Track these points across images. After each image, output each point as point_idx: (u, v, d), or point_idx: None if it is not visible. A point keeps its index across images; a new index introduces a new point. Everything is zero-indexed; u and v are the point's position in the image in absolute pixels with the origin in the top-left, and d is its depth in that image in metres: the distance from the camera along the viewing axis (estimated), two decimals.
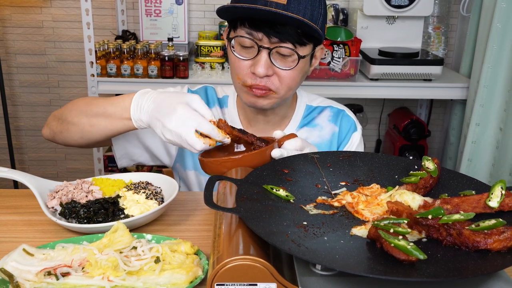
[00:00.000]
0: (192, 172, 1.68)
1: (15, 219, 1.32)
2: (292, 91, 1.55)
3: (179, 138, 1.28)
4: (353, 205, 1.09)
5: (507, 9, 2.78)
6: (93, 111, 1.47)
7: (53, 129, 1.56)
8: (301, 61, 1.47)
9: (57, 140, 1.57)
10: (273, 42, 1.43)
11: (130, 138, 1.62)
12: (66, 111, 1.54)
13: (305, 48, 1.47)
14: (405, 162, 1.28)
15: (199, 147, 1.28)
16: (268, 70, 1.46)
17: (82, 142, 1.52)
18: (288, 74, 1.48)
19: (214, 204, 1.01)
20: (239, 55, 1.49)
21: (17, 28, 3.50)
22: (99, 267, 1.01)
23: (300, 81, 1.55)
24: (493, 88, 2.89)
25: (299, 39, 1.44)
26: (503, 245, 0.90)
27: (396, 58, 3.02)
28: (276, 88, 1.49)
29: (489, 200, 1.05)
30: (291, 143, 1.37)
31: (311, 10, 1.42)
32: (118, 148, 1.63)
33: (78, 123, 1.49)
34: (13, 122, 3.65)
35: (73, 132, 1.51)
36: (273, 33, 1.42)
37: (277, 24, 1.41)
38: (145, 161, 1.69)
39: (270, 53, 1.45)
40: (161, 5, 3.35)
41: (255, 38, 1.44)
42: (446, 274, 0.84)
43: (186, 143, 1.29)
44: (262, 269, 0.89)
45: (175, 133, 1.28)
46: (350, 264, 0.88)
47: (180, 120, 1.28)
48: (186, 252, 1.09)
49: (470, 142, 3.00)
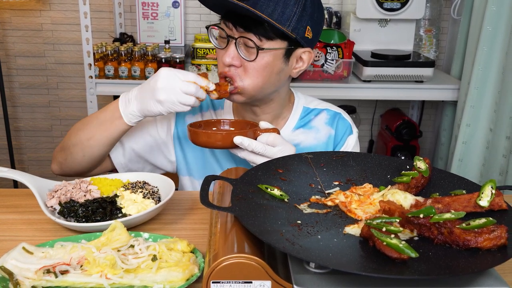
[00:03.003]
0: (187, 178, 1.70)
1: (14, 218, 1.33)
2: (261, 89, 1.52)
3: (172, 103, 1.40)
4: (346, 204, 1.09)
5: (497, 12, 2.79)
6: (87, 125, 1.52)
7: (59, 161, 1.58)
8: (266, 54, 1.46)
9: (65, 169, 1.59)
10: (239, 32, 1.45)
11: (131, 155, 1.65)
12: (65, 139, 1.57)
13: (272, 43, 1.46)
14: (397, 162, 1.29)
15: (191, 102, 1.41)
16: (234, 59, 1.48)
17: (85, 161, 1.54)
18: (252, 66, 1.48)
19: (210, 204, 1.01)
20: (216, 45, 1.54)
21: (17, 31, 3.50)
22: (97, 265, 1.02)
23: (270, 78, 1.52)
24: (483, 89, 2.91)
25: (265, 32, 1.44)
26: (493, 243, 0.90)
27: (388, 60, 3.03)
28: (240, 78, 1.49)
29: (479, 199, 1.06)
30: (263, 136, 1.42)
31: (282, 8, 1.41)
32: (120, 168, 1.65)
33: (77, 141, 1.52)
34: (12, 123, 3.65)
35: (75, 152, 1.53)
36: (239, 24, 1.45)
37: (247, 17, 1.43)
38: (149, 172, 1.70)
39: (236, 43, 1.47)
40: (158, 8, 3.35)
41: (227, 28, 1.48)
42: (437, 271, 0.84)
43: (179, 104, 1.40)
44: (257, 267, 0.89)
45: (167, 99, 1.39)
46: (343, 262, 0.88)
47: (166, 86, 1.39)
48: (182, 250, 1.10)
49: (461, 142, 3.01)
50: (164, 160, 1.70)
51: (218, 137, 1.42)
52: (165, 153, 1.69)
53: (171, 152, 1.69)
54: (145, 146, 1.66)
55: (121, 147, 1.63)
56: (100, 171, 1.64)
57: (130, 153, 1.64)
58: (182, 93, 1.39)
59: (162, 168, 1.72)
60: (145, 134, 1.65)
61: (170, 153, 1.69)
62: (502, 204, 1.06)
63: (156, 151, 1.68)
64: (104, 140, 1.50)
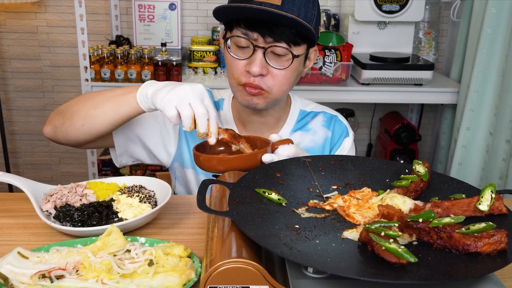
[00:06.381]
0: (190, 171, 1.70)
1: (10, 222, 1.32)
2: (285, 92, 1.56)
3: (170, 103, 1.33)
4: (344, 209, 1.09)
5: (497, 14, 2.79)
6: (98, 94, 1.49)
7: (54, 124, 1.53)
8: (295, 60, 1.49)
9: (58, 135, 1.53)
10: (268, 42, 1.45)
11: (131, 135, 1.64)
12: (68, 104, 1.53)
13: (299, 48, 1.49)
14: (396, 166, 1.29)
15: (174, 121, 1.33)
16: (263, 69, 1.47)
17: (83, 132, 1.49)
18: (282, 74, 1.49)
19: (207, 208, 1.01)
20: (235, 55, 1.51)
21: (12, 33, 3.49)
22: (93, 270, 1.01)
23: (294, 82, 1.56)
24: (483, 92, 2.91)
25: (294, 39, 1.45)
26: (493, 248, 0.90)
27: (387, 63, 3.03)
28: (268, 87, 1.50)
29: (479, 203, 1.05)
30: (285, 149, 1.39)
31: (305, 11, 1.43)
32: (119, 146, 1.63)
33: (81, 108, 1.48)
34: (7, 126, 3.63)
35: (76, 119, 1.48)
36: (267, 33, 1.44)
37: (272, 24, 1.43)
38: (143, 159, 1.70)
39: (265, 52, 1.46)
40: (154, 10, 3.35)
41: (251, 38, 1.46)
42: (436, 276, 0.84)
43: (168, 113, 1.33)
44: (254, 272, 0.89)
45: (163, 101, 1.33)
46: (342, 267, 0.88)
47: (187, 88, 1.33)
48: (179, 255, 1.09)
49: (461, 146, 3.01)
50: (162, 150, 1.68)
51: (249, 160, 1.33)
52: (165, 143, 1.68)
53: (172, 144, 1.68)
54: (147, 130, 1.64)
55: (124, 125, 1.59)
56: (96, 146, 1.62)
57: (131, 133, 1.63)
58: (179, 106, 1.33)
59: (158, 158, 1.70)
60: (151, 118, 1.64)
61: (170, 144, 1.68)
62: (502, 208, 1.06)
63: (158, 138, 1.66)
64: (111, 114, 1.45)
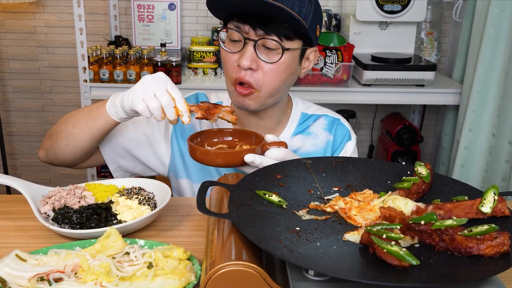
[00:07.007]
0: (185, 181, 1.68)
1: (7, 225, 1.32)
2: (276, 90, 1.52)
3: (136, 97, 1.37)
4: (345, 211, 1.09)
5: (500, 14, 2.79)
6: (76, 113, 1.51)
7: (45, 147, 1.57)
8: (287, 55, 1.47)
9: (50, 157, 1.57)
10: (259, 34, 1.44)
11: (120, 151, 1.62)
12: (54, 126, 1.56)
13: (292, 43, 1.47)
14: (398, 167, 1.28)
15: (147, 114, 1.35)
16: (253, 63, 1.46)
17: (68, 151, 1.51)
18: (272, 69, 1.47)
19: (207, 210, 1.01)
20: (227, 49, 1.51)
21: (10, 34, 3.49)
22: (92, 272, 1.01)
23: (286, 81, 1.53)
24: (486, 93, 2.90)
25: (285, 33, 1.44)
26: (496, 250, 0.90)
27: (388, 63, 3.03)
28: (258, 84, 1.48)
29: (481, 205, 1.05)
30: (273, 151, 1.37)
31: (299, 6, 1.41)
32: (110, 163, 1.63)
33: (63, 129, 1.50)
34: (5, 127, 3.63)
35: (60, 139, 1.51)
36: (258, 26, 1.43)
37: (264, 17, 1.42)
38: (140, 172, 1.69)
39: (255, 45, 1.45)
40: (154, 10, 3.35)
41: (242, 31, 1.45)
42: (439, 279, 0.84)
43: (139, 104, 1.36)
44: (255, 275, 0.89)
45: (129, 98, 1.38)
46: (343, 269, 0.88)
47: (149, 79, 1.37)
48: (179, 257, 1.09)
49: (463, 147, 3.01)
50: (156, 161, 1.67)
51: (235, 156, 1.34)
52: (158, 154, 1.66)
53: (165, 153, 1.66)
54: (136, 143, 1.63)
55: (110, 141, 1.60)
56: (90, 164, 1.63)
57: (119, 148, 1.62)
58: (145, 98, 1.35)
59: (154, 169, 1.69)
60: (138, 131, 1.63)
61: (163, 154, 1.66)
62: (505, 210, 1.06)
63: (148, 150, 1.65)
64: (87, 129, 1.47)
